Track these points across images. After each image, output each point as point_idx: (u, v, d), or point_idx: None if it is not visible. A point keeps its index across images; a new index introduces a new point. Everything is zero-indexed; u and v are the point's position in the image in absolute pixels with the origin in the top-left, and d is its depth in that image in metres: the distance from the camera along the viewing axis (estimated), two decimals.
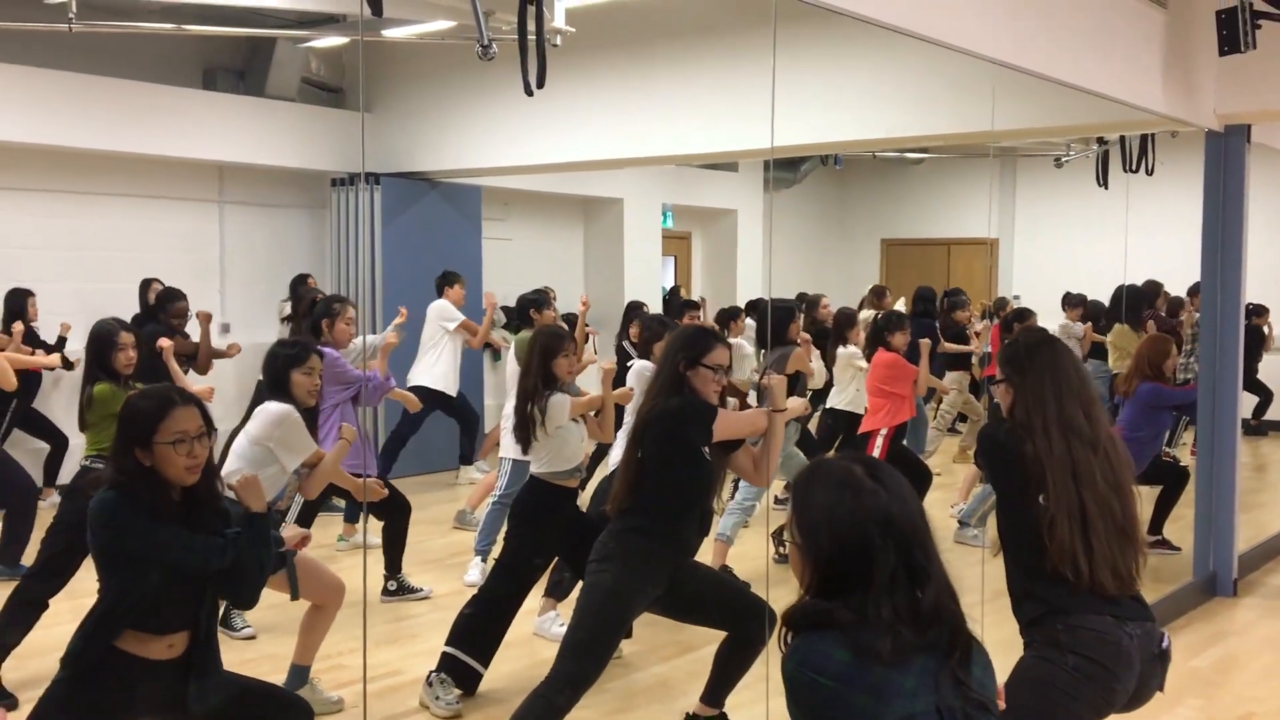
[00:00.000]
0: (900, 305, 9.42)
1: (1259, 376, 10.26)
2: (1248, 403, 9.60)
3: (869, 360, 6.69)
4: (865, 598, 1.71)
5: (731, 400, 3.92)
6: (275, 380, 4.31)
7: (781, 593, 1.81)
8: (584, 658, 3.56)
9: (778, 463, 3.86)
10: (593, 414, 4.86)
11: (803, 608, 1.78)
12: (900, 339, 6.65)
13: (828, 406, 7.24)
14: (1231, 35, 5.32)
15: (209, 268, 8.92)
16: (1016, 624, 2.84)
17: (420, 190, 9.21)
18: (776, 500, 7.47)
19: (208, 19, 7.07)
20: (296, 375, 4.28)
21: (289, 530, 4.03)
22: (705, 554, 5.52)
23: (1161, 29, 5.62)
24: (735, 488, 6.35)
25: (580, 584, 3.86)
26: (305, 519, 5.50)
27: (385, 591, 5.69)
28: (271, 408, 4.21)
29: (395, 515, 5.56)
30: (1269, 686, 4.89)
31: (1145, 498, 4.44)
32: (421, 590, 5.77)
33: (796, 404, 4.25)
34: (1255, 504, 8.08)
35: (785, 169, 12.78)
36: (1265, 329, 10.17)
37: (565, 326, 6.31)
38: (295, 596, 3.97)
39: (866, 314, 8.70)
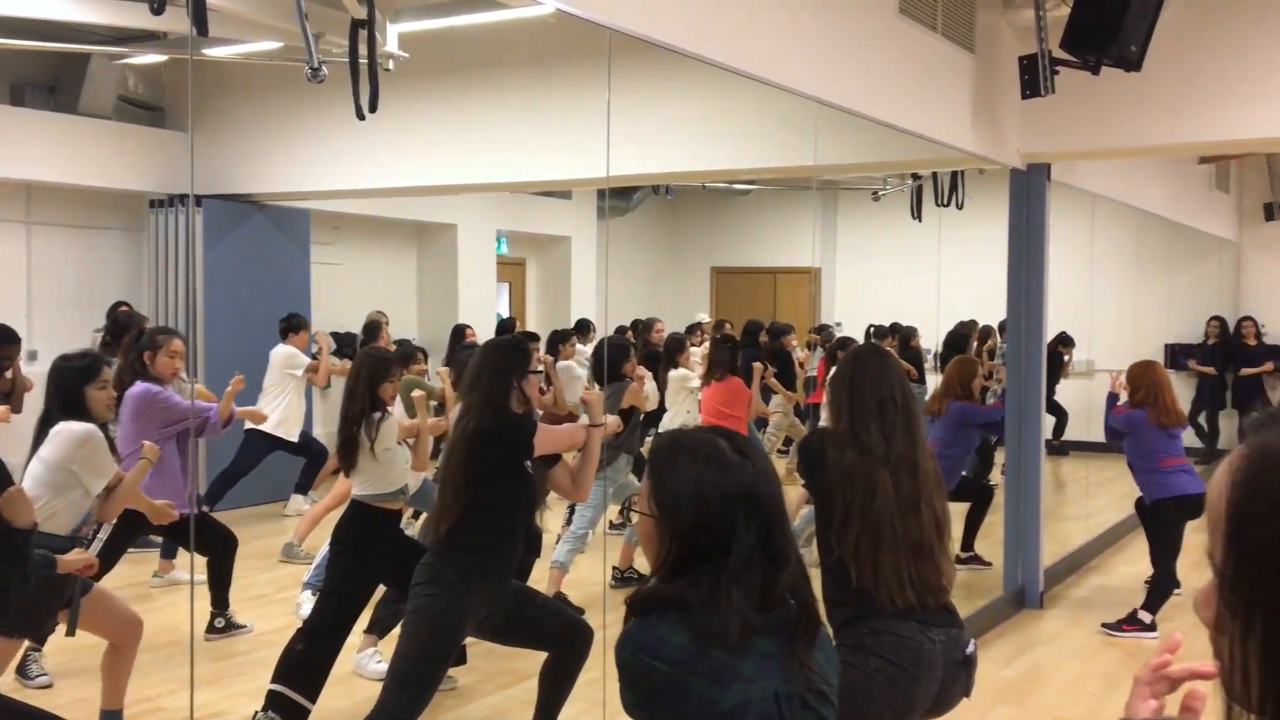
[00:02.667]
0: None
1: (1057, 399, 10.91)
2: (1049, 424, 10.20)
3: (707, 384, 6.86)
4: (718, 578, 1.65)
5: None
6: (68, 398, 3.99)
7: (618, 618, 1.79)
8: (411, 687, 3.47)
9: (593, 478, 3.88)
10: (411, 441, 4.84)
11: (649, 592, 1.72)
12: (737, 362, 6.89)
13: (660, 430, 7.36)
14: (1033, 80, 5.68)
15: (14, 292, 8.43)
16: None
17: (245, 213, 8.95)
18: (611, 526, 7.54)
19: (16, 32, 6.72)
20: (91, 391, 4.00)
21: (72, 555, 3.68)
22: (540, 581, 5.54)
23: (970, 73, 5.97)
24: (570, 514, 6.38)
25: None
26: (113, 553, 5.19)
27: (210, 629, 5.47)
28: (73, 428, 3.93)
29: (220, 550, 5.36)
30: (1074, 694, 5.20)
31: (956, 515, 4.62)
32: (247, 627, 5.58)
33: (613, 420, 4.31)
34: (1058, 519, 8.59)
35: (619, 198, 12.94)
36: (1065, 356, 10.84)
37: (395, 350, 6.22)
38: (70, 632, 3.72)
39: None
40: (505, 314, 12.16)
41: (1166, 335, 11.79)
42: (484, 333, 9.40)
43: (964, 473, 7.14)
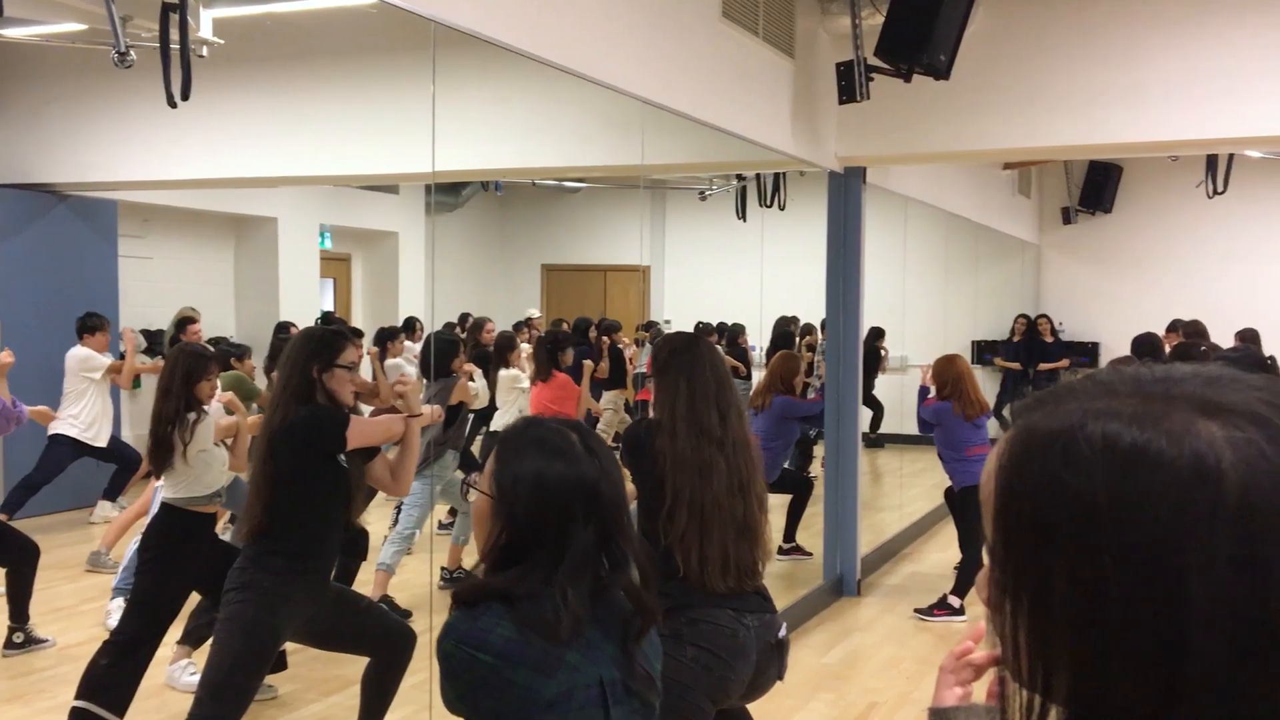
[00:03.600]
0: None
1: (875, 393, 11.35)
2: (866, 417, 10.60)
3: (535, 383, 6.85)
4: (548, 572, 1.65)
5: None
6: None
7: (443, 619, 1.77)
8: (224, 698, 3.33)
9: (413, 471, 3.79)
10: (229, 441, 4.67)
11: (476, 584, 1.70)
12: (568, 357, 6.89)
13: (491, 429, 7.31)
14: (849, 86, 5.89)
15: None
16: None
17: (45, 204, 8.44)
18: (440, 526, 7.44)
19: None
20: None
21: None
22: (366, 584, 5.43)
23: (790, 77, 6.14)
24: (396, 515, 6.27)
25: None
26: None
27: (9, 644, 5.16)
28: None
29: (20, 560, 5.06)
30: (889, 678, 5.42)
31: (778, 508, 4.75)
32: (49, 640, 5.28)
33: (431, 409, 4.21)
34: (875, 510, 8.93)
35: (447, 193, 12.78)
36: (882, 351, 11.27)
37: (210, 348, 5.98)
38: None
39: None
40: (330, 311, 11.85)
41: (974, 332, 12.40)
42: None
43: (785, 465, 7.35)
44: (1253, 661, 0.68)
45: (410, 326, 9.52)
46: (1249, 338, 10.31)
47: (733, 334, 10.09)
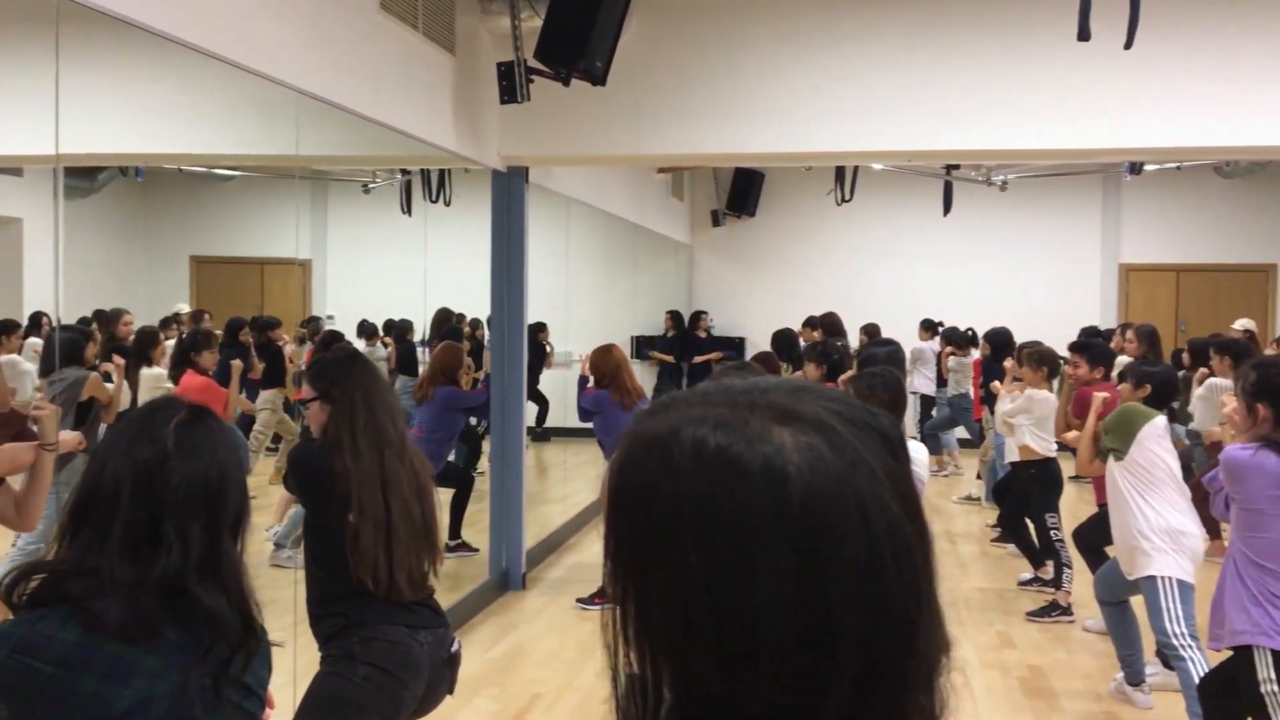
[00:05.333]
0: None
1: (540, 388, 11.54)
2: (533, 412, 10.76)
3: (175, 383, 6.43)
4: (100, 555, 1.54)
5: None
6: None
7: None
8: None
9: (42, 506, 3.42)
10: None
11: (17, 578, 1.54)
12: (209, 359, 6.49)
13: None
14: (510, 86, 5.94)
15: None
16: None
17: None
18: None
19: None
20: None
21: None
22: None
23: (452, 74, 6.12)
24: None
25: None
26: None
27: None
28: None
29: None
30: (552, 668, 5.53)
31: (443, 505, 4.70)
32: None
33: (71, 437, 3.79)
34: (540, 503, 9.09)
35: (81, 178, 11.70)
36: (547, 347, 11.48)
37: None
38: None
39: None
40: None
41: (633, 328, 12.88)
42: None
43: (450, 459, 7.33)
44: (815, 651, 0.75)
45: (36, 322, 8.69)
46: (871, 332, 11.35)
47: (401, 330, 9.93)
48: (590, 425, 6.73)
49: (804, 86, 6.41)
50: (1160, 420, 4.78)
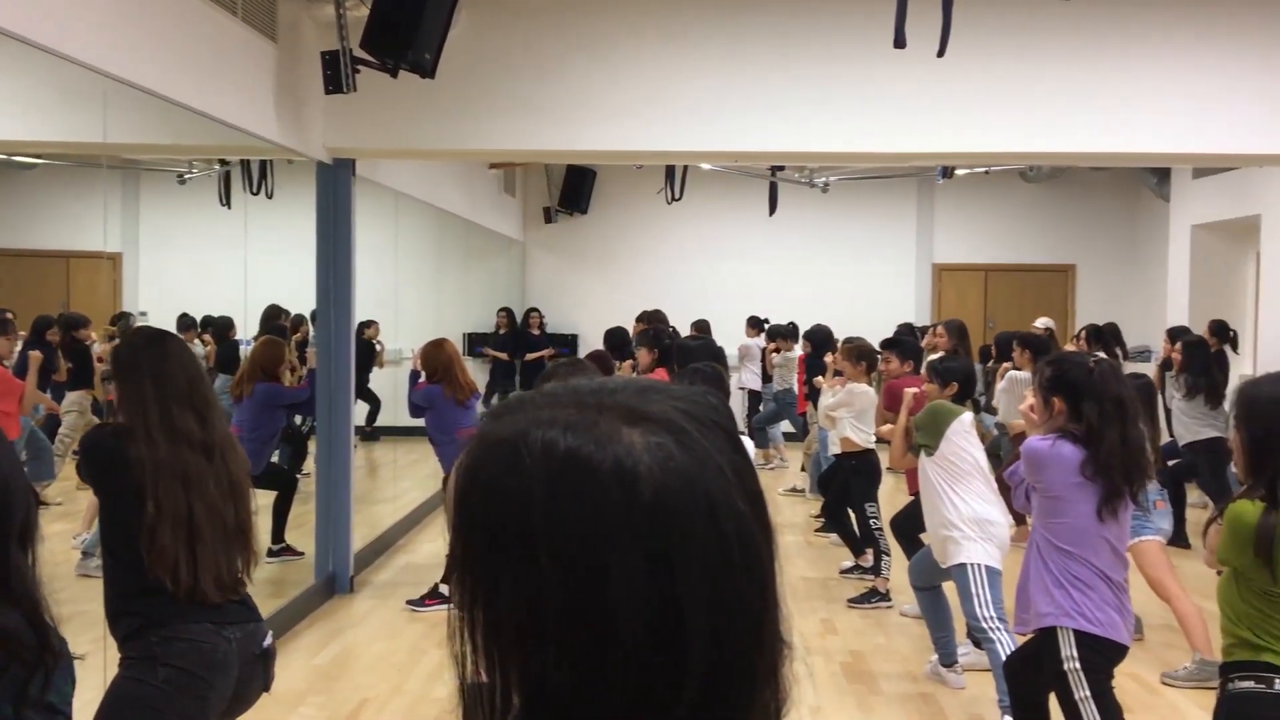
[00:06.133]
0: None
1: (370, 386, 11.30)
2: (362, 411, 10.52)
3: None
4: None
5: None
6: None
7: None
8: None
9: None
10: None
11: None
12: (3, 345, 6.15)
13: None
14: (335, 76, 5.80)
15: None
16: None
17: None
18: None
19: None
20: None
21: None
22: None
23: (273, 62, 5.92)
24: None
25: None
26: None
27: None
28: None
29: None
30: (380, 672, 5.42)
31: (264, 507, 4.56)
32: None
33: None
34: (370, 503, 8.90)
35: None
36: (377, 344, 11.24)
37: None
38: None
39: None
40: None
41: (465, 324, 12.75)
42: None
43: (273, 459, 7.10)
44: (667, 650, 0.76)
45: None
46: (702, 328, 11.54)
47: (220, 328, 9.56)
48: (422, 422, 6.62)
49: (635, 86, 6.47)
50: (967, 416, 5.03)
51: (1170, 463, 7.92)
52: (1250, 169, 9.76)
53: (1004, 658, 4.33)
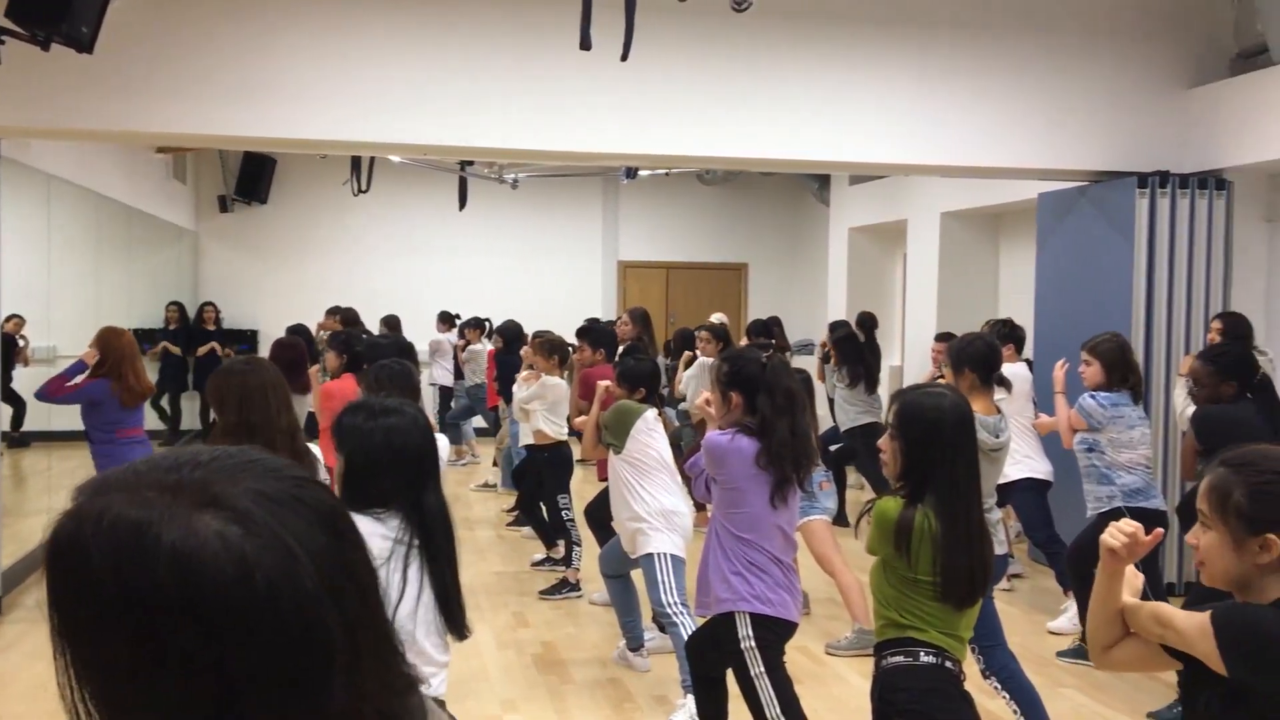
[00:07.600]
0: None
1: (14, 387, 10.30)
2: (8, 414, 9.57)
3: None
4: None
5: None
6: None
7: None
8: None
9: None
10: None
11: None
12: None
13: None
14: None
15: None
16: None
17: None
18: None
19: None
20: None
21: None
22: None
23: None
24: None
25: None
26: None
27: None
28: None
29: None
30: (37, 700, 4.96)
31: None
32: None
33: None
34: (21, 515, 8.11)
35: None
36: (20, 339, 10.25)
37: None
38: None
39: None
40: None
41: (130, 319, 11.85)
42: None
43: None
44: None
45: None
46: (392, 324, 11.33)
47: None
48: (80, 425, 6.08)
49: (317, 71, 6.24)
50: (650, 413, 5.23)
51: (832, 447, 8.57)
52: (899, 177, 10.72)
53: (685, 639, 4.54)
